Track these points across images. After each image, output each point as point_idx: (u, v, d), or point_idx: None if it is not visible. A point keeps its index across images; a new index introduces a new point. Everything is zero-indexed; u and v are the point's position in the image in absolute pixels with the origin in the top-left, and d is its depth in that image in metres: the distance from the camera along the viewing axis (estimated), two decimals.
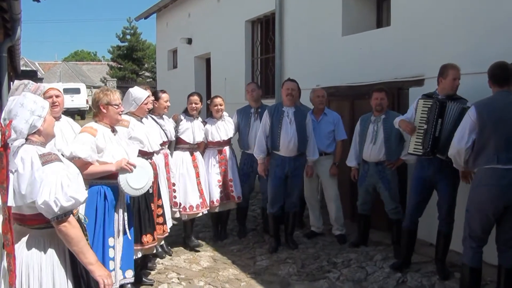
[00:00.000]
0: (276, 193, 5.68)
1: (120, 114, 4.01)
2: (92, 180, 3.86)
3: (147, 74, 41.39)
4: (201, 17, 11.74)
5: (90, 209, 3.77)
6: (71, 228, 2.47)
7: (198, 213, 5.76)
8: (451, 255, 4.81)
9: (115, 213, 3.95)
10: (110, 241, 3.89)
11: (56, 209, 2.39)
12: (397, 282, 4.67)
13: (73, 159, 3.55)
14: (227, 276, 4.99)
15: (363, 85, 6.23)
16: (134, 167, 3.88)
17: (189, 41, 12.44)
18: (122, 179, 3.84)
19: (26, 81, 3.84)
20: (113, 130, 4.00)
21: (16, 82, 3.90)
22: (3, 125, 2.42)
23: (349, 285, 4.69)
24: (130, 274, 4.03)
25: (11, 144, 2.42)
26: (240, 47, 9.90)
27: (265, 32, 9.49)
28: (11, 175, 2.38)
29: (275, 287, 4.72)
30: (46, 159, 2.47)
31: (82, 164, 3.65)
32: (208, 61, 11.96)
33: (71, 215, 2.49)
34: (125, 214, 4.02)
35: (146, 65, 41.68)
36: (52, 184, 2.41)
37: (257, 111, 6.25)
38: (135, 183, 3.89)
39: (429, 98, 4.62)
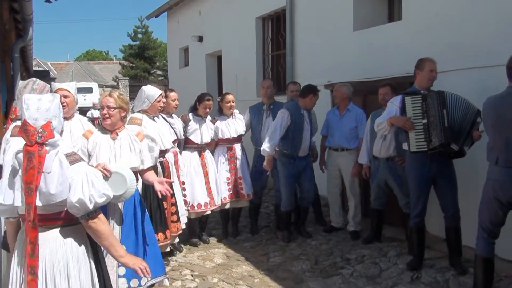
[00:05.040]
0: (292, 191, 5.86)
1: (104, 118, 3.78)
2: None
3: (158, 72, 41.52)
4: (212, 14, 11.75)
5: None
6: (101, 223, 2.55)
7: (206, 211, 5.76)
8: (464, 250, 4.77)
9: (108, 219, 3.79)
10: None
11: (90, 206, 2.47)
12: (411, 278, 4.64)
13: None
14: (241, 273, 5.00)
15: (375, 80, 6.19)
16: (110, 173, 3.59)
17: (200, 39, 12.47)
18: None
19: (33, 79, 3.88)
20: (115, 135, 3.82)
21: (23, 81, 3.94)
22: (31, 125, 2.44)
23: (363, 281, 4.67)
24: (135, 283, 3.78)
25: (50, 146, 2.47)
26: (251, 44, 9.90)
27: (276, 28, 9.48)
28: (46, 174, 2.43)
29: (289, 284, 4.71)
30: (73, 158, 2.53)
31: None
32: (219, 58, 11.98)
33: (100, 211, 2.57)
34: (114, 222, 3.78)
35: (157, 64, 41.82)
36: (84, 182, 2.48)
37: (269, 107, 6.25)
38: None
39: (415, 94, 4.61)
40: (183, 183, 5.55)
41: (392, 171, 5.29)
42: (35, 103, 2.49)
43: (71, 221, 2.56)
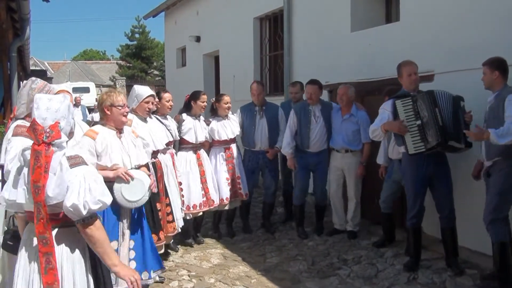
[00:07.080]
0: (303, 184, 6.04)
1: (125, 115, 3.90)
2: None
3: (156, 72, 41.51)
4: (210, 14, 11.75)
5: None
6: (96, 230, 2.49)
7: (199, 212, 5.73)
8: (461, 251, 4.79)
9: (120, 216, 3.90)
10: (113, 245, 3.74)
11: (84, 212, 2.42)
12: (408, 279, 4.64)
13: None
14: (238, 273, 5.00)
15: (372, 81, 6.20)
16: (132, 178, 3.76)
17: (198, 39, 12.46)
18: (116, 188, 3.72)
19: (33, 78, 3.89)
20: (120, 132, 3.92)
21: (24, 82, 3.97)
22: (40, 124, 2.44)
23: (360, 282, 4.67)
24: (145, 276, 3.99)
25: (56, 146, 2.47)
26: (248, 44, 9.89)
27: (273, 29, 9.48)
28: (51, 175, 2.42)
29: (286, 284, 4.71)
30: (74, 161, 2.49)
31: None
32: (216, 58, 11.96)
33: (96, 217, 2.52)
34: (128, 218, 3.94)
35: (155, 64, 41.80)
36: (81, 187, 2.43)
37: (261, 109, 6.25)
38: (129, 194, 3.77)
39: (405, 97, 4.64)
40: (180, 183, 5.52)
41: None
42: (45, 103, 2.50)
43: (70, 223, 2.52)
